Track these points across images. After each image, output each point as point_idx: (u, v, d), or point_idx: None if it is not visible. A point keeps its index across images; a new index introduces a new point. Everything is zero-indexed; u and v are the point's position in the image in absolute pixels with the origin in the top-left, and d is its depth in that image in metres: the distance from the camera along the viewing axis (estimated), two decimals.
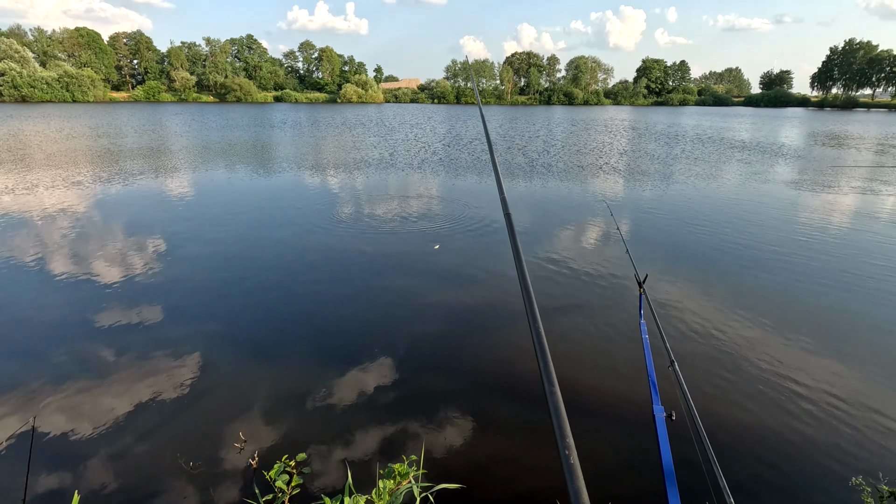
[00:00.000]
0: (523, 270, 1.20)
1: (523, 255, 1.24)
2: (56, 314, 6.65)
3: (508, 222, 1.46)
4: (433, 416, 4.66)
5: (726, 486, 1.66)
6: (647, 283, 3.25)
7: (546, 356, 0.95)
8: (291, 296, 7.34)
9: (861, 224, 12.09)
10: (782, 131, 45.44)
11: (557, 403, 0.83)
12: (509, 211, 1.56)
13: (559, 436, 0.78)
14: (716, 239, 10.54)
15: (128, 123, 42.28)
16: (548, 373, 0.90)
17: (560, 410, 0.82)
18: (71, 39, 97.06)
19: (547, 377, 0.89)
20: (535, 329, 1.02)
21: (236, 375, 5.32)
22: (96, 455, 4.12)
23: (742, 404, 4.89)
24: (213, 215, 12.10)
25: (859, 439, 4.40)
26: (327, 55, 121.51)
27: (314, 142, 30.79)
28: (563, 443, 0.77)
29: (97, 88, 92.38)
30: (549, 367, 0.92)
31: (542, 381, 0.89)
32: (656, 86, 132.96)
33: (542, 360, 0.95)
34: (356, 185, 16.41)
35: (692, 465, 1.98)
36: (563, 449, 0.76)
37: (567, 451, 0.76)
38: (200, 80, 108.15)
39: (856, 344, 6.15)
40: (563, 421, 0.80)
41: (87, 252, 9.08)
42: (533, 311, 1.08)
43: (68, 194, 13.97)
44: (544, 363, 0.94)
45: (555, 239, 10.56)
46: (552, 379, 0.88)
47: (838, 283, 8.04)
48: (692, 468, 2.02)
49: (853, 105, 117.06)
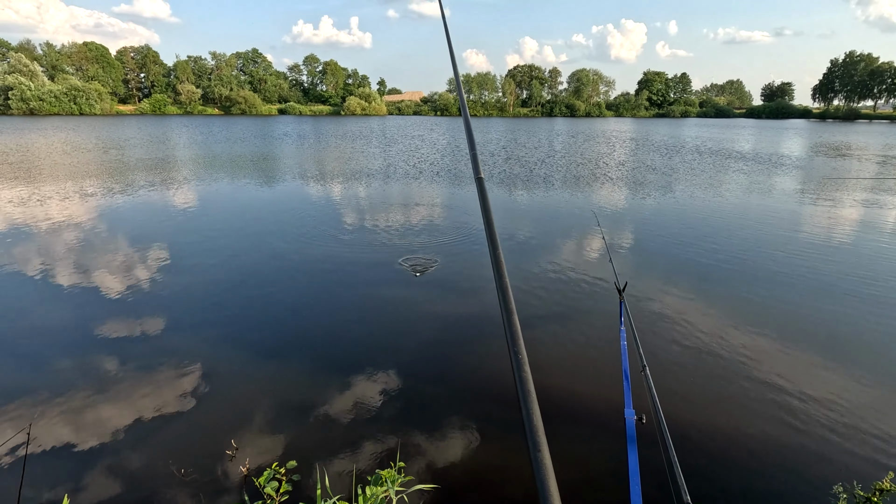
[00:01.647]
0: (495, 240, 1.13)
1: (496, 225, 1.16)
2: (57, 323, 6.74)
3: (480, 187, 1.36)
4: (423, 424, 4.69)
5: (685, 488, 1.71)
6: (632, 291, 3.31)
7: (518, 341, 0.90)
8: (289, 306, 7.41)
9: (862, 236, 12.11)
10: (784, 142, 45.58)
11: (528, 392, 0.80)
12: (481, 175, 1.40)
13: (529, 430, 0.75)
14: (701, 249, 10.60)
15: (135, 136, 42.81)
16: (518, 359, 0.86)
17: (530, 403, 0.79)
18: (79, 54, 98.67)
19: (517, 365, 0.85)
20: (506, 306, 0.95)
21: (231, 384, 5.37)
22: (89, 462, 4.17)
23: (714, 409, 4.94)
24: (216, 227, 12.24)
25: (827, 445, 4.42)
26: (331, 68, 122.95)
27: (317, 154, 31.09)
28: (532, 439, 0.75)
29: (104, 101, 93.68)
30: (521, 349, 0.89)
31: (511, 366, 0.86)
32: (658, 98, 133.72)
33: (513, 342, 0.90)
34: (358, 196, 16.57)
35: (657, 468, 2.03)
36: (534, 448, 0.74)
37: (538, 450, 0.73)
38: (206, 93, 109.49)
39: (831, 349, 6.16)
40: (535, 416, 0.77)
41: (91, 262, 9.20)
42: (503, 286, 1.01)
43: (75, 206, 14.15)
44: (514, 345, 0.89)
45: (541, 247, 10.68)
46: (522, 365, 0.85)
47: (823, 292, 8.07)
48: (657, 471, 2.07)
49: (855, 116, 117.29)
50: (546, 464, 0.71)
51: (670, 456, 1.85)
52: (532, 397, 0.82)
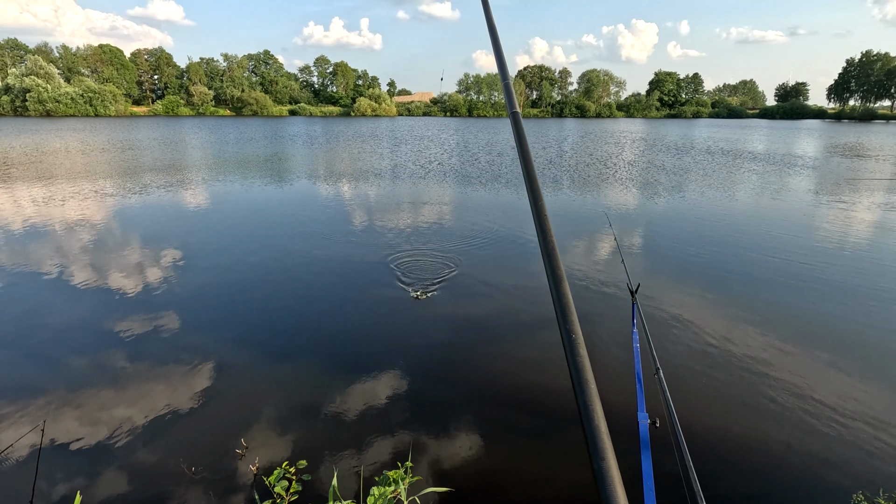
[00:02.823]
0: (535, 185, 1.08)
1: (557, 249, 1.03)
2: (73, 321, 6.83)
3: (515, 121, 1.32)
4: (432, 425, 4.68)
5: (701, 494, 1.67)
6: (645, 293, 3.27)
7: (570, 316, 0.84)
8: (301, 306, 7.44)
9: (876, 240, 11.89)
10: (798, 143, 44.95)
11: (585, 382, 0.70)
12: (516, 109, 1.35)
13: (588, 430, 0.66)
14: (714, 250, 10.48)
15: (149, 137, 43.35)
16: (572, 340, 0.79)
17: (589, 397, 0.69)
18: (94, 56, 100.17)
19: (571, 347, 0.78)
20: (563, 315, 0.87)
21: (242, 383, 5.40)
22: (102, 459, 4.21)
23: (728, 414, 4.87)
24: (229, 227, 12.34)
25: (845, 452, 4.33)
26: (342, 69, 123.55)
27: (328, 155, 31.25)
28: (594, 444, 0.65)
29: (118, 103, 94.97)
30: (574, 327, 0.82)
31: (564, 349, 0.79)
32: (669, 98, 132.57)
33: (564, 318, 0.84)
34: (368, 197, 16.61)
35: (672, 472, 1.99)
36: (596, 456, 0.64)
37: (601, 458, 0.64)
38: (218, 94, 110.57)
39: (848, 354, 6.04)
40: (595, 413, 0.68)
41: (107, 262, 9.31)
42: (549, 247, 0.96)
43: (91, 206, 14.35)
44: (566, 322, 0.83)
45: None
46: (577, 347, 0.77)
47: (837, 295, 7.92)
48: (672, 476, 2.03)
49: (872, 117, 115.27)
50: (612, 475, 0.61)
51: (685, 461, 1.81)
52: (591, 389, 0.71)
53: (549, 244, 0.96)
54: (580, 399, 0.72)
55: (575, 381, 0.76)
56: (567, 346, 0.82)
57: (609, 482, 0.62)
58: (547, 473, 4.12)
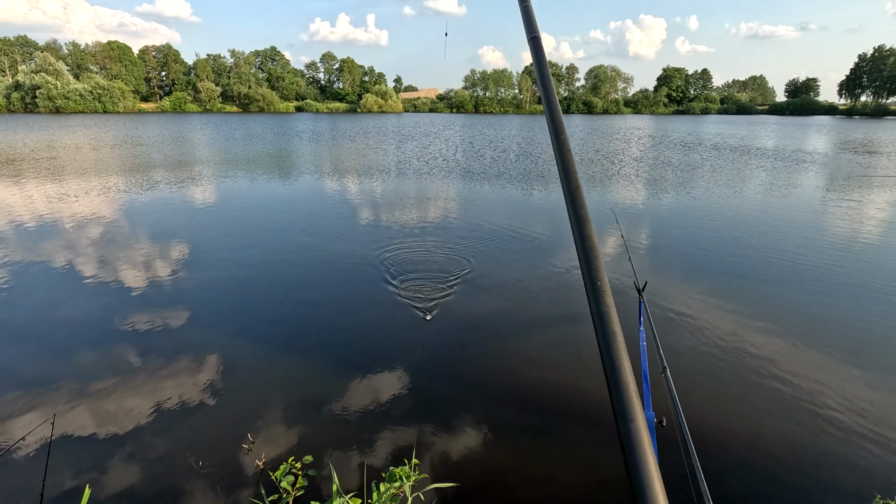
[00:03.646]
0: (557, 119, 1.09)
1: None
2: (82, 316, 6.90)
3: (535, 46, 1.32)
4: (438, 422, 4.68)
5: (708, 493, 1.66)
6: (651, 291, 3.25)
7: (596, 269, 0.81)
8: (309, 302, 7.47)
9: (887, 237, 11.74)
10: (808, 139, 44.43)
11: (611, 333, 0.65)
12: (537, 34, 1.34)
13: (616, 393, 0.62)
14: (721, 248, 10.39)
15: (158, 133, 43.62)
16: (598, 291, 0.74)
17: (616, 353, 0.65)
18: (103, 53, 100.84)
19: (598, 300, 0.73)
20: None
21: (249, 378, 5.43)
22: (110, 452, 4.26)
23: (735, 414, 4.84)
24: (237, 222, 12.40)
25: (854, 453, 4.28)
26: (348, 66, 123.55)
27: (334, 151, 31.29)
28: (622, 409, 0.61)
29: (127, 99, 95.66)
30: (601, 279, 0.77)
31: (589, 304, 0.75)
32: (677, 94, 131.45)
33: (588, 272, 0.81)
34: (375, 193, 16.62)
35: (678, 471, 1.99)
36: (623, 419, 0.60)
37: (629, 420, 0.59)
38: (225, 90, 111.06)
39: (858, 354, 5.97)
40: (624, 373, 0.63)
41: (116, 257, 9.39)
42: (572, 188, 0.96)
43: (102, 202, 14.46)
44: (590, 272, 0.80)
45: (557, 245, 10.60)
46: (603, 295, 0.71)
47: (858, 295, 7.83)
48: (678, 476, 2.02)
49: (884, 113, 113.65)
50: (642, 438, 0.57)
51: (692, 460, 1.80)
52: (618, 342, 0.67)
53: (572, 184, 0.97)
54: (606, 354, 0.67)
55: (599, 333, 0.71)
56: (591, 294, 0.78)
57: (638, 444, 0.58)
58: (551, 471, 4.12)
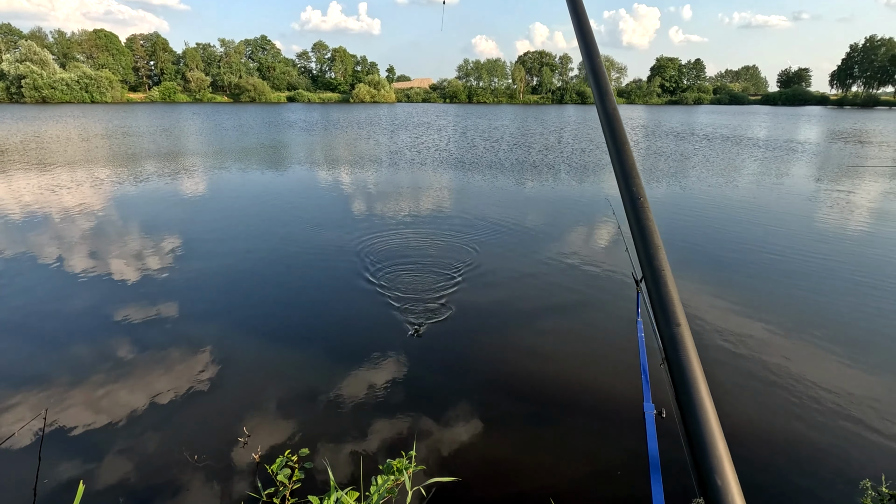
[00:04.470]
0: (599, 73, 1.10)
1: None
2: (74, 309, 6.81)
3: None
4: (436, 413, 4.68)
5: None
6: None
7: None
8: (302, 293, 7.42)
9: (879, 226, 11.85)
10: (800, 129, 44.65)
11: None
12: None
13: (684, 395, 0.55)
14: (717, 238, 10.47)
15: (146, 124, 43.01)
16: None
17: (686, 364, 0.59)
18: (89, 41, 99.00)
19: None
20: None
21: (243, 371, 5.40)
22: (104, 446, 4.22)
23: (733, 404, 4.88)
24: (228, 213, 12.28)
25: (849, 442, 4.35)
26: (340, 55, 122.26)
27: (326, 142, 31.03)
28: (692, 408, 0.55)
29: (115, 89, 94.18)
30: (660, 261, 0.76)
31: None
32: (671, 84, 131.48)
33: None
34: (367, 185, 16.51)
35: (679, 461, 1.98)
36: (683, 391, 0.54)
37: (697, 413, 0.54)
38: (215, 80, 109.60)
39: (852, 345, 6.04)
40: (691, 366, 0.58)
41: (108, 249, 9.28)
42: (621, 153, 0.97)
43: (91, 194, 14.26)
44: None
45: (553, 235, 10.63)
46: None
47: (847, 285, 7.90)
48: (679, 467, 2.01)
49: (874, 103, 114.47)
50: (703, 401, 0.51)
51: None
52: (702, 389, 0.61)
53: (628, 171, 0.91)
54: (687, 407, 0.58)
55: (678, 382, 0.61)
56: (650, 278, 0.74)
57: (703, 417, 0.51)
58: (550, 462, 4.14)
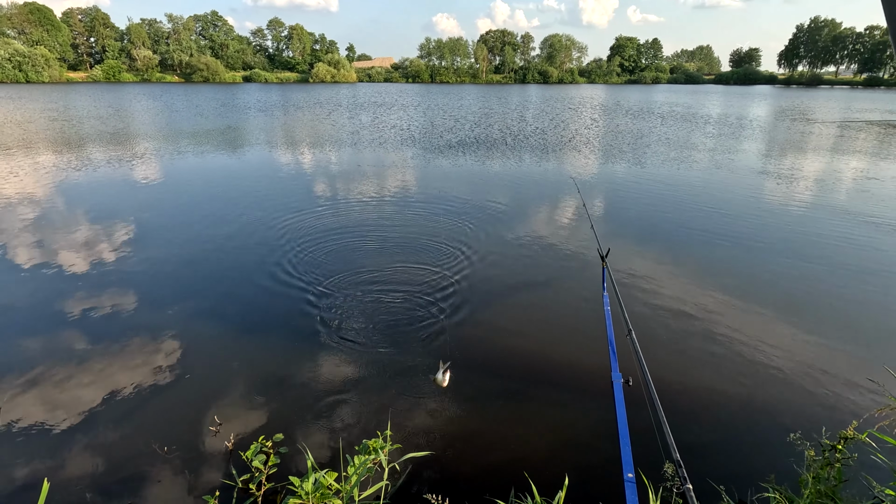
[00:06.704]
0: None
1: None
2: (22, 302, 6.45)
3: None
4: (408, 392, 4.74)
5: (675, 445, 1.77)
6: (611, 257, 3.36)
7: None
8: (263, 278, 7.26)
9: (821, 197, 12.56)
10: (750, 108, 46.44)
11: None
12: None
13: None
14: (680, 214, 10.87)
15: (92, 105, 40.44)
16: None
17: None
18: (20, 15, 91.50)
19: None
20: None
21: (209, 359, 5.28)
22: (67, 443, 4.07)
23: (695, 369, 5.15)
24: (184, 200, 11.81)
25: (798, 398, 4.69)
26: (297, 33, 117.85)
27: (286, 123, 30.08)
28: None
29: (52, 68, 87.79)
30: None
31: None
32: (630, 64, 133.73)
33: None
34: (330, 165, 16.18)
35: (646, 428, 2.10)
36: None
37: None
38: (164, 59, 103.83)
39: (811, 312, 6.46)
40: None
41: (53, 240, 8.78)
42: None
43: (33, 182, 13.38)
44: None
45: (520, 214, 10.79)
46: None
47: (797, 254, 8.40)
48: (646, 431, 2.13)
49: (818, 82, 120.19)
50: None
51: (658, 415, 1.91)
52: None
53: None
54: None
55: None
56: None
57: None
58: (521, 433, 4.27)
